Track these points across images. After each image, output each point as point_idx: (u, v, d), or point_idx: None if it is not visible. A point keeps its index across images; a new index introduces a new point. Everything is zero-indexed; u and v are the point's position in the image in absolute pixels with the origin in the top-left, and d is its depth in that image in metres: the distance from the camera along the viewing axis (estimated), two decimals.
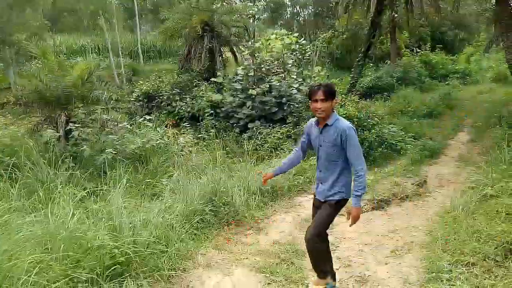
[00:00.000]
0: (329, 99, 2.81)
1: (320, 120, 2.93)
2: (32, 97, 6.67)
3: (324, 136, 2.93)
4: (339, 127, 2.88)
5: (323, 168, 3.02)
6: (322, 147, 2.96)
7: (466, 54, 25.88)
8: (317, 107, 2.82)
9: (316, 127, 3.01)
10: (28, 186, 4.59)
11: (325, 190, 3.00)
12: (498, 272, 3.06)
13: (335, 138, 2.86)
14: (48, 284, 2.64)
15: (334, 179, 2.97)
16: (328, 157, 2.95)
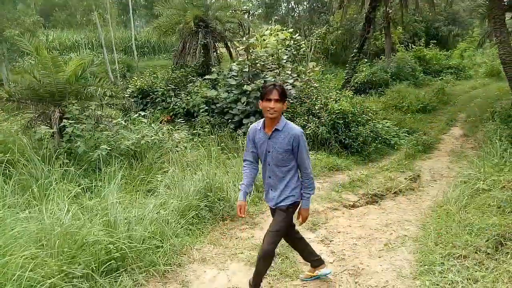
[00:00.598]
0: (283, 100, 2.71)
1: (268, 122, 2.80)
2: (26, 93, 6.61)
3: (273, 142, 2.80)
4: (291, 132, 2.78)
5: (272, 174, 2.89)
6: (270, 153, 2.83)
7: (459, 50, 26.04)
8: (270, 107, 2.68)
9: (262, 132, 2.85)
10: (22, 183, 4.57)
11: (275, 197, 2.91)
12: (489, 264, 3.11)
13: (287, 144, 2.77)
14: (43, 280, 2.65)
15: (285, 184, 2.89)
16: (278, 163, 2.83)
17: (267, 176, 2.94)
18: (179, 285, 3.26)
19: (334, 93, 9.93)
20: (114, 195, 3.95)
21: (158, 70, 14.01)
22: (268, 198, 2.99)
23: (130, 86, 12.60)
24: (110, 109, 8.09)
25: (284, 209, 2.92)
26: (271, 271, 3.52)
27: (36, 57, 6.72)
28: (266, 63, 10.25)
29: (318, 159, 7.37)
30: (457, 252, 3.46)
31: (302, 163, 2.85)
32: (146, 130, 6.92)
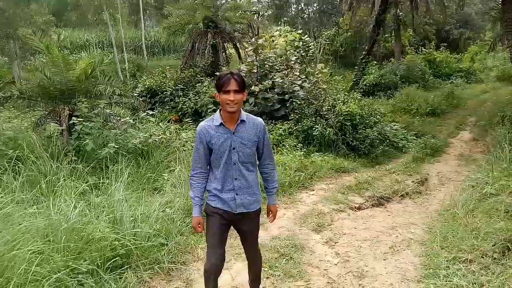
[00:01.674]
0: (242, 90, 2.37)
1: (228, 117, 2.43)
2: (36, 91, 6.71)
3: (239, 136, 2.45)
4: (255, 122, 2.52)
5: (239, 175, 2.50)
6: (235, 150, 2.45)
7: (471, 53, 25.76)
8: (230, 100, 2.32)
9: (222, 128, 2.45)
10: (30, 179, 4.63)
11: (245, 201, 2.55)
12: (495, 269, 3.08)
13: (254, 135, 2.49)
14: (49, 275, 2.68)
15: (253, 184, 2.58)
16: (246, 159, 2.50)
17: (231, 178, 2.51)
18: (183, 283, 3.28)
19: (342, 95, 9.90)
20: (121, 193, 3.99)
21: (167, 70, 14.11)
22: (233, 204, 2.53)
23: (139, 85, 12.71)
24: (118, 107, 8.17)
25: (256, 213, 2.65)
26: (275, 271, 3.52)
27: (47, 55, 6.83)
28: (274, 64, 10.27)
29: (325, 160, 7.35)
30: (463, 256, 3.43)
31: (268, 154, 2.63)
32: (154, 129, 6.97)
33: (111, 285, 2.90)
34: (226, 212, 2.55)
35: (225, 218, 2.57)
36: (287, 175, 6.19)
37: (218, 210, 2.55)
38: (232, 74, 2.36)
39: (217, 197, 2.55)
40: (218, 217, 2.56)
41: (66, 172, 4.80)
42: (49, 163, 4.98)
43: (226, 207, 2.54)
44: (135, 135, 6.40)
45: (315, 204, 5.44)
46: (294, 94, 9.23)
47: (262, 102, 9.24)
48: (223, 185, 2.52)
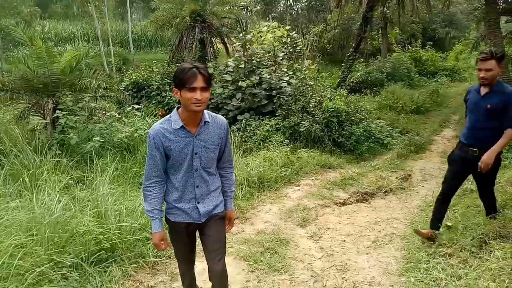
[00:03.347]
0: (209, 87, 2.07)
1: (191, 118, 2.12)
2: (19, 83, 6.59)
3: (202, 139, 2.17)
4: (219, 122, 2.25)
5: (201, 182, 2.24)
6: (198, 155, 2.18)
7: (455, 52, 26.22)
8: (196, 98, 2.00)
9: (180, 132, 2.13)
10: (13, 173, 4.57)
11: (210, 207, 2.31)
12: (473, 262, 3.17)
13: (218, 138, 2.23)
14: (32, 268, 2.67)
15: (214, 188, 2.33)
16: (208, 163, 2.24)
17: (192, 186, 2.24)
18: (168, 277, 3.29)
19: (329, 91, 9.98)
20: (106, 187, 3.97)
21: (154, 64, 13.98)
22: (195, 215, 2.27)
23: (125, 79, 12.57)
24: (104, 101, 8.09)
25: (223, 215, 2.41)
26: (260, 265, 3.56)
27: (30, 47, 6.70)
28: (262, 60, 10.27)
29: (311, 156, 7.42)
30: (442, 250, 3.52)
31: (229, 155, 2.40)
32: (140, 124, 6.93)
33: (95, 279, 2.90)
34: (188, 224, 2.29)
35: (188, 229, 2.33)
36: (273, 171, 6.24)
37: (180, 224, 2.28)
38: (197, 69, 2.01)
39: (175, 209, 2.27)
40: (181, 230, 2.32)
41: (50, 166, 4.75)
42: (32, 157, 4.91)
43: (188, 219, 2.27)
44: (120, 129, 6.36)
45: (300, 199, 5.50)
46: (281, 90, 9.27)
47: (249, 98, 9.25)
48: (183, 195, 2.23)
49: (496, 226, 3.51)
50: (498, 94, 3.26)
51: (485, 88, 3.34)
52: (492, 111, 3.26)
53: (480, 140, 3.36)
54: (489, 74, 3.23)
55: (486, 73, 3.23)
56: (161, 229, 2.27)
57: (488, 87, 3.31)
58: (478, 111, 3.37)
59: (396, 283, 3.27)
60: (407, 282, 3.22)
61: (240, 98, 9.39)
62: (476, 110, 3.40)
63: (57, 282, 2.71)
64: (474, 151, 3.37)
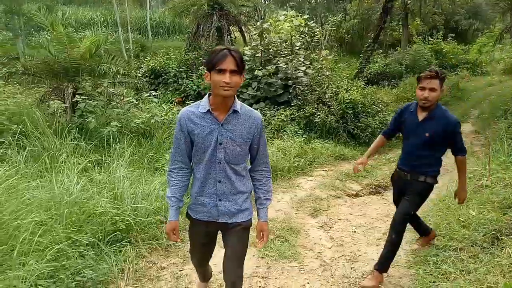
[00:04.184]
0: (241, 71, 1.91)
1: (219, 103, 1.98)
2: (41, 67, 6.74)
3: (228, 129, 2.00)
4: (252, 116, 2.05)
5: (223, 177, 2.06)
6: (223, 146, 2.00)
7: (478, 45, 25.47)
8: (224, 82, 1.86)
9: (209, 117, 1.99)
10: (34, 154, 4.72)
11: (229, 210, 2.12)
12: (484, 257, 3.16)
13: (248, 132, 2.03)
14: (51, 245, 2.79)
15: (242, 190, 2.13)
16: (234, 159, 2.04)
17: (214, 180, 2.07)
18: (180, 259, 3.39)
19: (346, 82, 9.89)
20: (122, 171, 4.07)
21: (172, 51, 14.05)
22: (214, 212, 2.12)
23: (143, 66, 12.70)
24: (122, 87, 8.21)
25: (247, 225, 2.19)
26: (270, 252, 3.63)
27: (51, 32, 6.84)
28: (279, 49, 10.22)
29: (325, 147, 7.42)
30: (453, 244, 3.52)
31: (263, 157, 2.17)
32: (157, 110, 7.02)
33: (111, 258, 3.01)
34: (208, 222, 2.15)
35: (208, 228, 2.19)
36: (286, 160, 6.27)
37: (200, 222, 2.17)
38: (229, 51, 1.88)
39: (197, 204, 2.14)
40: (201, 228, 2.19)
41: (69, 148, 4.88)
42: (52, 139, 5.06)
43: (207, 216, 2.13)
44: (137, 115, 6.47)
45: (312, 189, 5.53)
46: (298, 80, 9.23)
47: (265, 87, 9.25)
48: (204, 187, 2.09)
49: (510, 222, 3.47)
50: (440, 121, 2.89)
51: (423, 112, 2.96)
52: (431, 140, 2.93)
53: (416, 167, 3.06)
54: (433, 95, 2.83)
55: (430, 93, 2.83)
56: (174, 219, 2.16)
57: (427, 111, 2.93)
58: (416, 138, 3.01)
59: (404, 275, 3.29)
60: (416, 274, 3.24)
61: (256, 87, 9.39)
62: (413, 136, 3.04)
63: (75, 259, 2.83)
64: (406, 175, 3.13)
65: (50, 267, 2.62)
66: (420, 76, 2.91)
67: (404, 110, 3.18)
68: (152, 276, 3.09)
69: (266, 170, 2.21)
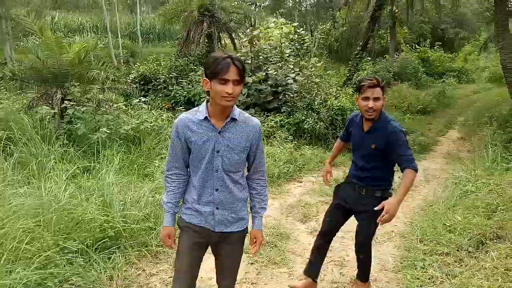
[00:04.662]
0: (243, 80, 1.89)
1: (218, 111, 1.94)
2: (29, 73, 6.69)
3: (226, 137, 1.97)
4: (250, 123, 2.02)
5: (221, 185, 2.01)
6: (219, 154, 1.97)
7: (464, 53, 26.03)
8: (227, 92, 1.82)
9: (206, 124, 1.96)
10: (22, 160, 4.67)
11: (228, 218, 2.06)
12: (469, 261, 3.23)
13: (246, 140, 2.00)
14: (39, 252, 2.76)
15: (239, 198, 2.09)
16: (231, 167, 2.01)
17: (211, 188, 2.02)
18: (170, 266, 3.38)
19: (335, 89, 10.01)
20: (111, 177, 4.06)
21: (162, 57, 14.05)
22: (210, 221, 2.05)
23: (133, 72, 12.67)
24: (111, 93, 8.18)
25: (240, 236, 2.14)
26: (260, 258, 3.64)
27: (40, 37, 6.80)
28: (269, 56, 10.31)
29: (315, 154, 7.48)
30: (440, 249, 3.59)
31: (260, 165, 2.14)
32: (146, 116, 7.01)
33: (99, 265, 2.99)
34: (202, 228, 2.06)
35: (200, 235, 2.07)
36: (276, 167, 6.30)
37: (193, 227, 2.07)
38: (232, 59, 1.82)
39: (192, 210, 2.07)
40: (191, 233, 2.07)
41: (57, 155, 4.85)
42: (40, 146, 5.02)
43: (202, 223, 2.06)
44: (127, 121, 6.44)
45: (302, 195, 5.57)
46: (287, 87, 9.31)
47: (255, 94, 9.30)
48: (201, 196, 2.03)
49: (494, 227, 3.56)
50: (385, 131, 2.69)
51: (368, 122, 2.77)
52: (377, 152, 2.73)
53: (370, 181, 2.83)
54: (378, 104, 2.62)
55: (374, 103, 2.61)
56: (170, 224, 2.11)
57: (372, 121, 2.74)
58: (364, 150, 2.83)
59: (392, 280, 3.33)
60: (403, 279, 3.29)
61: (246, 94, 9.44)
62: (361, 148, 2.86)
63: (63, 267, 2.81)
64: (361, 190, 2.87)
65: (38, 274, 2.60)
66: (362, 86, 2.66)
67: (350, 122, 2.99)
68: (141, 283, 3.08)
69: (262, 179, 2.18)
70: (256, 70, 9.81)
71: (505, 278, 2.75)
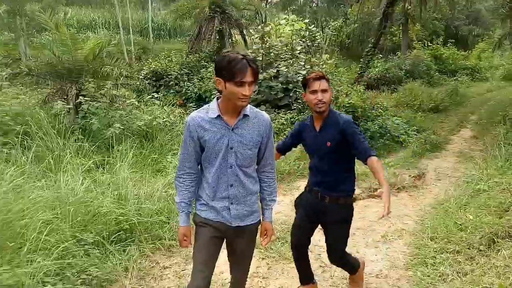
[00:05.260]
0: (257, 80, 1.93)
1: (230, 109, 1.98)
2: (44, 69, 6.83)
3: (239, 133, 2.01)
4: (261, 118, 2.06)
5: (235, 180, 2.05)
6: (233, 150, 2.01)
7: (478, 50, 25.63)
8: (244, 94, 1.87)
9: (220, 122, 1.99)
10: (38, 154, 4.79)
11: (242, 212, 2.11)
12: (480, 259, 3.23)
13: (257, 135, 2.05)
14: (57, 244, 2.85)
15: (252, 192, 2.14)
16: (245, 162, 2.05)
17: (226, 184, 2.06)
18: (183, 260, 3.45)
19: (346, 86, 9.98)
20: (126, 171, 4.14)
21: (173, 53, 14.15)
22: (226, 216, 2.09)
23: (145, 68, 12.79)
24: (124, 89, 8.29)
25: (255, 228, 2.19)
26: (271, 253, 3.69)
27: (55, 33, 6.92)
28: (280, 53, 10.33)
29: None
30: (450, 247, 3.59)
31: (270, 158, 2.18)
32: (158, 112, 7.11)
33: (115, 256, 3.07)
34: (220, 223, 2.10)
35: (218, 230, 2.10)
36: (287, 164, 6.34)
37: (209, 221, 2.10)
38: (247, 61, 1.85)
39: (207, 206, 2.10)
40: (209, 228, 2.10)
41: (72, 149, 4.95)
42: (56, 140, 5.13)
43: (219, 218, 2.09)
44: (140, 117, 6.54)
45: None
46: (298, 84, 9.31)
47: (266, 91, 9.34)
48: (216, 192, 2.07)
49: (506, 226, 3.55)
50: (335, 126, 2.54)
51: (318, 119, 2.61)
52: (335, 150, 2.56)
53: (333, 187, 2.64)
54: (326, 96, 2.50)
55: (323, 95, 2.48)
56: (185, 224, 2.13)
57: (322, 117, 2.59)
58: (320, 152, 2.64)
59: (402, 277, 3.35)
60: (413, 276, 3.31)
61: (257, 91, 9.47)
62: (317, 151, 2.67)
63: (80, 258, 2.90)
64: (323, 198, 2.66)
65: (56, 264, 2.68)
66: (308, 79, 2.55)
67: (301, 129, 2.79)
68: (155, 275, 3.15)
69: (271, 172, 2.21)
70: (267, 67, 9.84)
71: None
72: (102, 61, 7.36)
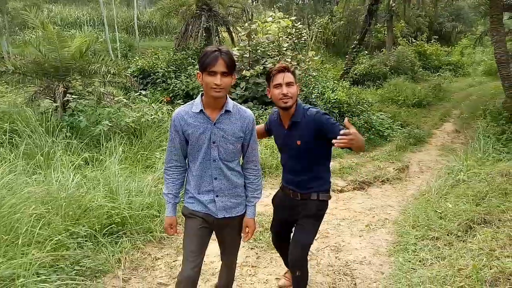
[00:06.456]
0: (231, 72, 1.98)
1: (211, 103, 2.05)
2: (31, 67, 6.78)
3: (221, 128, 2.07)
4: (243, 115, 2.12)
5: (219, 174, 2.13)
6: (216, 144, 2.08)
7: (460, 46, 26.16)
8: (215, 83, 1.93)
9: (202, 116, 2.07)
10: (27, 152, 4.80)
11: (228, 203, 2.19)
12: (458, 245, 3.41)
13: (239, 130, 2.11)
14: (50, 237, 2.92)
15: (237, 184, 2.20)
16: (227, 156, 2.12)
17: (210, 177, 2.13)
18: (174, 251, 3.55)
19: (332, 83, 10.15)
20: (116, 167, 4.20)
21: (160, 51, 14.12)
22: (212, 208, 2.16)
23: (131, 66, 12.75)
24: (112, 87, 8.29)
25: (239, 219, 2.26)
26: (260, 244, 3.81)
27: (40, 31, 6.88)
28: (266, 50, 10.41)
29: None
30: (431, 234, 3.77)
31: (253, 155, 2.23)
32: (146, 109, 7.14)
33: (107, 248, 3.15)
34: (206, 215, 2.18)
35: (206, 221, 2.19)
36: (274, 158, 6.46)
37: (197, 213, 2.18)
38: (220, 53, 1.93)
39: (194, 199, 2.18)
40: (197, 219, 2.18)
41: (61, 147, 4.98)
42: (44, 138, 5.14)
43: (205, 210, 2.17)
44: (128, 114, 6.57)
45: None
46: None
47: (253, 87, 9.43)
48: (200, 185, 2.15)
49: (482, 213, 3.74)
50: (305, 122, 2.39)
51: (286, 116, 2.46)
52: (305, 147, 2.42)
53: (304, 183, 2.51)
54: (292, 90, 2.35)
55: (288, 89, 2.34)
56: (171, 214, 2.24)
57: (289, 114, 2.43)
58: (290, 150, 2.51)
59: (385, 263, 3.51)
60: (395, 261, 3.47)
61: (244, 87, 9.57)
62: (286, 148, 2.56)
63: (74, 250, 2.97)
64: (295, 194, 2.55)
65: (50, 256, 2.75)
66: (271, 72, 2.41)
67: (270, 121, 2.69)
68: (147, 266, 3.24)
69: (255, 169, 2.25)
70: (254, 64, 9.93)
71: (489, 258, 2.93)
72: (89, 58, 7.34)
